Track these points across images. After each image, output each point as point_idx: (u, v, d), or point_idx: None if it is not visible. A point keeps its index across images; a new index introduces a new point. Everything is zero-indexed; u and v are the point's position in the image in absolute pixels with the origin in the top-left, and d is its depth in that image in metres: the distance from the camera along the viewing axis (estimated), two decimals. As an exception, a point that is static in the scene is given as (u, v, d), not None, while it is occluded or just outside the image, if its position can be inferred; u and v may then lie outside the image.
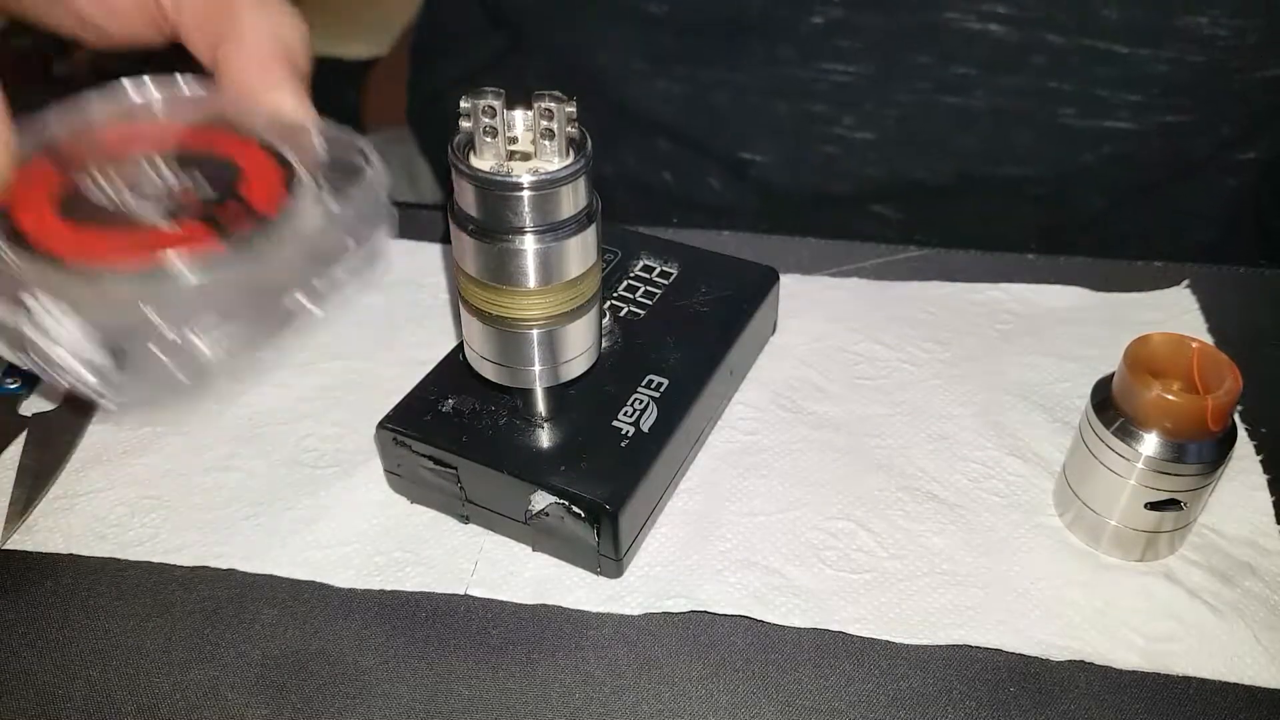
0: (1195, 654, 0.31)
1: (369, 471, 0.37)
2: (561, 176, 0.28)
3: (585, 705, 0.30)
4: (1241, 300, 0.45)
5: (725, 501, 0.36)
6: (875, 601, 0.33)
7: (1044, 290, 0.45)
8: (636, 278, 0.41)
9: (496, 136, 0.28)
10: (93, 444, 0.39)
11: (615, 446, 0.33)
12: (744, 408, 0.40)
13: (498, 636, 0.32)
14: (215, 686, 0.31)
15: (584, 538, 0.33)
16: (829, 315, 0.44)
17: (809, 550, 0.34)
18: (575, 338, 0.31)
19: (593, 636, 0.32)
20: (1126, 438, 0.32)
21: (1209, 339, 0.42)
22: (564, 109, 0.28)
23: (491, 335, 0.31)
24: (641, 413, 0.34)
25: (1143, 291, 0.45)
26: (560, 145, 0.28)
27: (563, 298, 0.30)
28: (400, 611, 0.33)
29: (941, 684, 0.31)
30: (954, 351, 0.43)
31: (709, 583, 0.33)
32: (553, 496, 0.32)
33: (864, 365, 0.42)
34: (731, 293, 0.40)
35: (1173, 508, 0.32)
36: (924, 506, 0.36)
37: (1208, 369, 0.32)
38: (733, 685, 0.31)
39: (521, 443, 0.34)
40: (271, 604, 0.33)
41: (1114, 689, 0.31)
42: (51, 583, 0.34)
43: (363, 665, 0.31)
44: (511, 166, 0.28)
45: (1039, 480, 0.37)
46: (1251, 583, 0.33)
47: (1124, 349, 0.33)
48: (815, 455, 0.38)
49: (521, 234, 0.28)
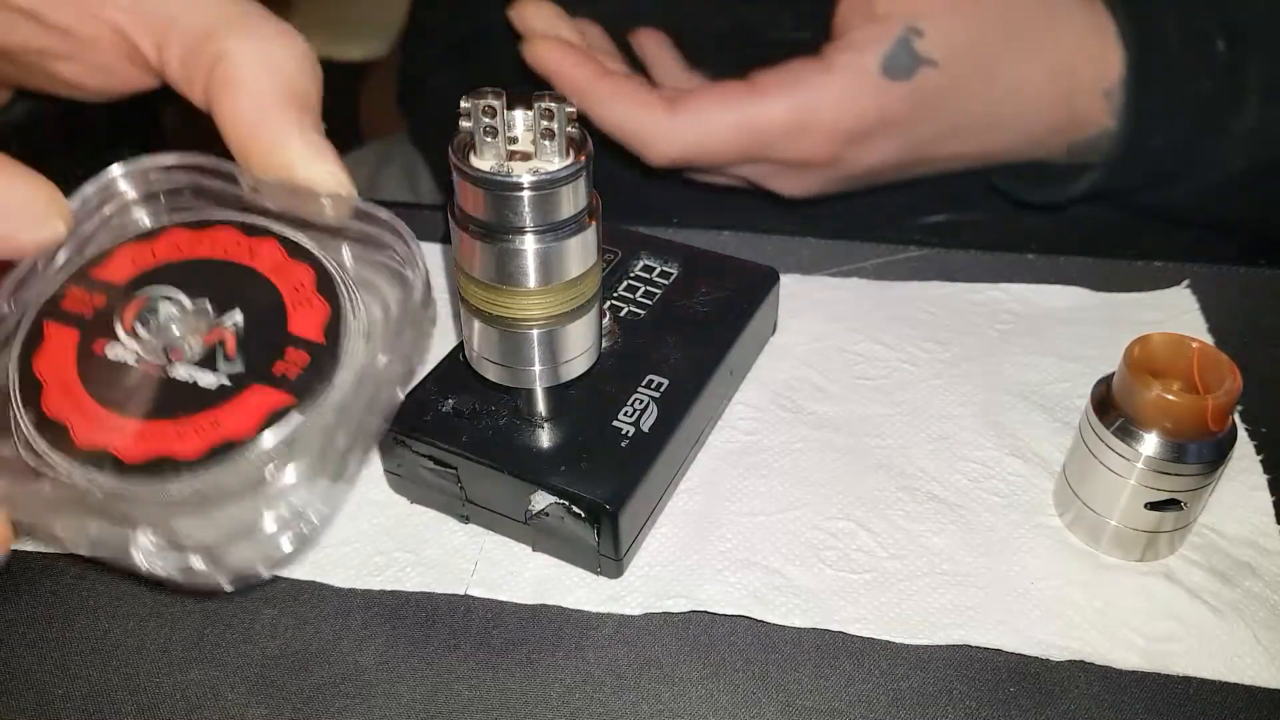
0: (1195, 654, 0.31)
1: (368, 471, 0.37)
2: (562, 176, 0.28)
3: (585, 705, 0.30)
4: (1241, 300, 0.45)
5: (725, 501, 0.36)
6: (875, 601, 0.33)
7: (1044, 290, 0.45)
8: (636, 278, 0.41)
9: (496, 136, 0.28)
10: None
11: (615, 446, 0.33)
12: (744, 408, 0.40)
13: (498, 636, 0.32)
14: (215, 686, 0.31)
15: (584, 538, 0.33)
16: (829, 315, 0.44)
17: (809, 550, 0.34)
18: (576, 338, 0.31)
19: (593, 636, 0.32)
20: (1126, 438, 0.32)
21: (1209, 339, 0.42)
22: (564, 109, 0.28)
23: (492, 335, 0.31)
24: (642, 413, 0.34)
25: (1143, 291, 0.45)
26: (560, 145, 0.28)
27: (563, 298, 0.30)
28: (400, 611, 0.33)
29: (941, 684, 0.31)
30: (954, 351, 0.43)
31: (709, 583, 0.33)
32: (553, 496, 0.32)
33: (864, 365, 0.42)
34: (732, 293, 0.40)
35: (1173, 508, 0.32)
36: (924, 506, 0.36)
37: (1208, 369, 0.32)
38: (733, 685, 0.31)
39: (522, 443, 0.34)
40: (271, 604, 0.33)
41: (1114, 689, 0.31)
42: (51, 583, 0.34)
43: (363, 665, 0.31)
44: (512, 166, 0.28)
45: (1039, 480, 0.37)
46: (1251, 583, 0.33)
47: (1124, 349, 0.33)
48: (815, 455, 0.38)
49: (522, 234, 0.28)
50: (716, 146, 0.47)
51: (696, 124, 0.46)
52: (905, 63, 0.45)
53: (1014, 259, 0.47)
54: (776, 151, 0.47)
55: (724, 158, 0.48)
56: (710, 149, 0.47)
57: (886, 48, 0.45)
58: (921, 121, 0.47)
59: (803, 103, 0.46)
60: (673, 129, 0.46)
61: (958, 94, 0.46)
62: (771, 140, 0.46)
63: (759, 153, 0.47)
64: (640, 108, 0.47)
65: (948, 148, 0.49)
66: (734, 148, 0.47)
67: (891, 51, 0.45)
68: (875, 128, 0.46)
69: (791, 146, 0.47)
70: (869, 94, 0.45)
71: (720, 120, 0.46)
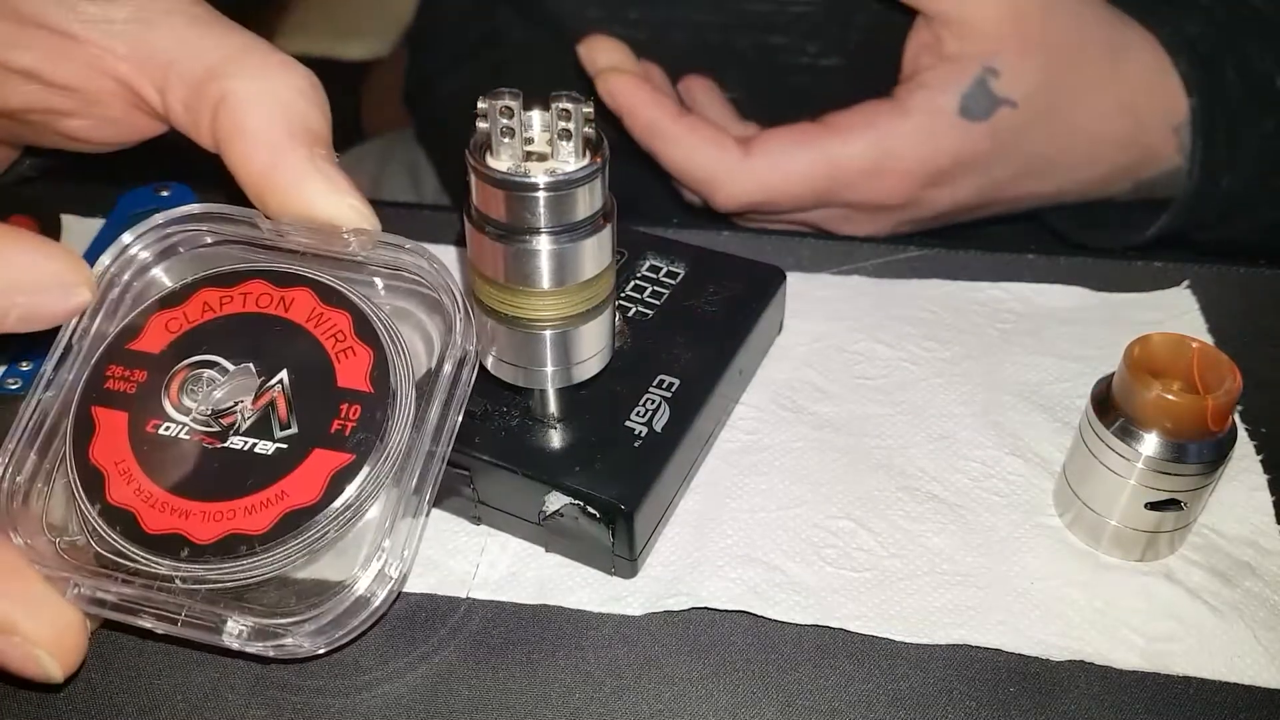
0: (1195, 654, 0.31)
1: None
2: (578, 177, 0.28)
3: (585, 705, 0.31)
4: (1241, 300, 0.45)
5: (726, 500, 0.36)
6: (875, 599, 0.33)
7: (1044, 290, 0.45)
8: (644, 278, 0.41)
9: (513, 137, 0.28)
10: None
11: (629, 447, 0.33)
12: (745, 407, 0.40)
13: (498, 636, 0.32)
14: (216, 688, 0.31)
15: (599, 538, 0.33)
16: (829, 314, 0.44)
17: (809, 548, 0.34)
18: (589, 339, 0.31)
19: (593, 636, 0.32)
20: (1126, 438, 0.32)
21: (1209, 339, 0.42)
22: (581, 109, 0.27)
23: (505, 335, 0.31)
24: (654, 413, 0.34)
25: (1143, 291, 0.45)
26: (577, 145, 0.28)
27: (577, 299, 0.30)
28: (400, 611, 0.33)
29: (941, 684, 0.31)
30: (954, 351, 0.43)
31: (710, 580, 0.33)
32: (567, 497, 0.32)
33: (864, 364, 0.42)
34: (739, 292, 0.40)
35: (1173, 508, 0.32)
36: (924, 506, 0.36)
37: (1208, 369, 0.32)
38: (733, 685, 0.31)
39: (535, 443, 0.34)
40: (272, 604, 0.33)
41: (1114, 689, 0.31)
42: (52, 583, 0.34)
43: (363, 665, 0.31)
44: (528, 167, 0.28)
45: (1039, 480, 0.37)
46: (1251, 583, 0.33)
47: (1124, 349, 0.33)
48: (815, 454, 0.38)
49: (537, 234, 0.28)
50: (791, 189, 0.46)
51: (772, 166, 0.46)
52: (984, 103, 0.45)
53: (1014, 259, 0.47)
54: (852, 194, 0.47)
55: (797, 201, 0.47)
56: (785, 191, 0.46)
57: (964, 88, 0.45)
58: (998, 161, 0.47)
59: (881, 143, 0.45)
60: (747, 171, 0.46)
61: (1034, 133, 0.46)
62: (849, 181, 0.46)
63: (833, 196, 0.47)
64: (715, 148, 0.46)
65: (1024, 187, 0.49)
66: (809, 190, 0.46)
67: (970, 92, 0.45)
68: (954, 169, 0.46)
69: (868, 188, 0.46)
70: (948, 135, 0.45)
71: (796, 161, 0.46)
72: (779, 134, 0.46)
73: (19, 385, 0.40)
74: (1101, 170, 0.49)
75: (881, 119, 0.46)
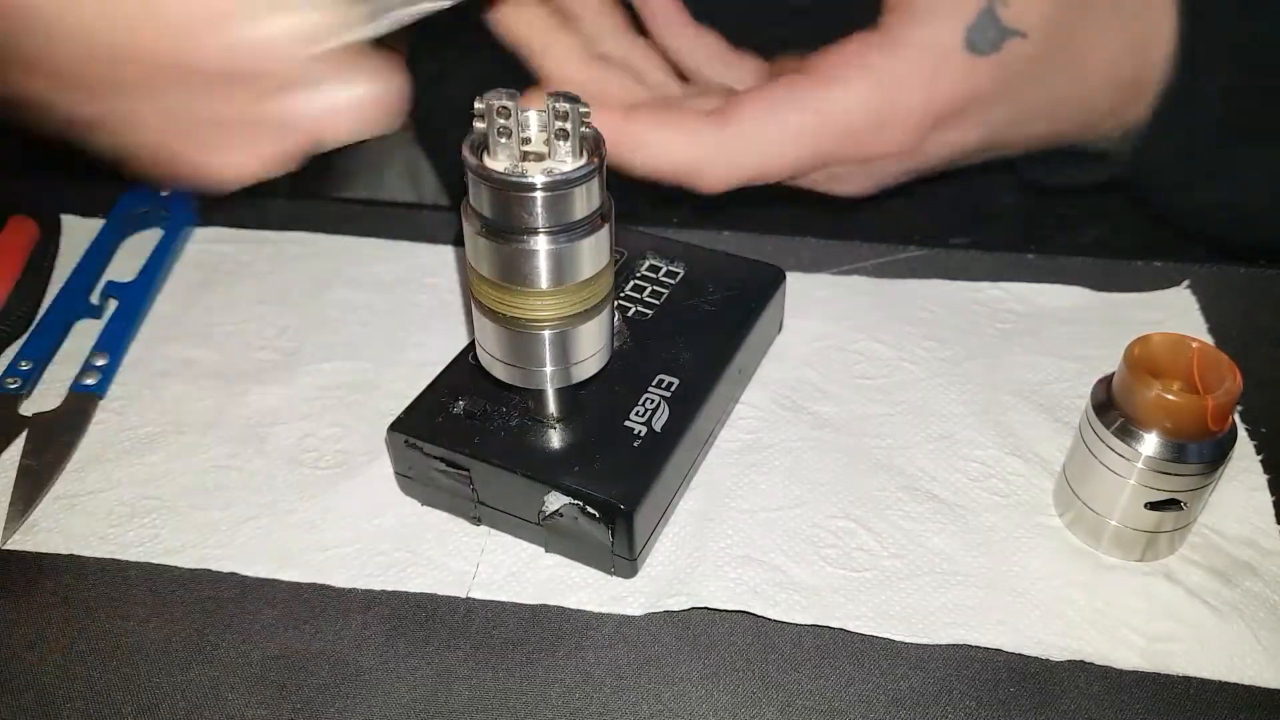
0: (1195, 654, 0.31)
1: (370, 472, 0.37)
2: (575, 177, 0.28)
3: (585, 705, 0.31)
4: (1241, 300, 0.45)
5: (726, 500, 0.36)
6: (875, 599, 0.33)
7: (1044, 290, 0.45)
8: (643, 277, 0.41)
9: (510, 137, 0.28)
10: (93, 444, 0.39)
11: (628, 446, 0.33)
12: (745, 407, 0.40)
13: (498, 636, 0.32)
14: (215, 687, 0.31)
15: (598, 538, 0.33)
16: (829, 315, 0.44)
17: (809, 548, 0.34)
18: (588, 338, 0.31)
19: (593, 636, 0.32)
20: (1126, 438, 0.32)
21: (1209, 339, 0.42)
22: (578, 109, 0.27)
23: (504, 336, 0.31)
24: (653, 412, 0.34)
25: (1143, 291, 0.45)
26: (574, 145, 0.28)
27: (575, 298, 0.30)
28: (400, 611, 0.33)
29: (941, 684, 0.31)
30: (954, 351, 0.43)
31: (710, 579, 0.33)
32: (567, 497, 0.32)
33: (864, 364, 0.42)
34: (739, 292, 0.40)
35: (1173, 508, 0.32)
36: (924, 506, 0.36)
37: (1208, 369, 0.32)
38: (733, 685, 0.31)
39: (534, 443, 0.34)
40: (271, 604, 0.33)
41: (1114, 689, 0.31)
42: (51, 583, 0.34)
43: (363, 665, 0.31)
44: (525, 167, 0.28)
45: (1039, 480, 0.37)
46: (1251, 583, 0.33)
47: (1124, 349, 0.33)
48: (815, 455, 0.38)
49: (535, 234, 0.28)
50: (783, 160, 0.40)
51: (756, 137, 0.39)
52: (991, 35, 0.39)
53: (1014, 259, 0.47)
54: (852, 150, 0.40)
55: (792, 170, 0.41)
56: (775, 164, 0.40)
57: (969, 19, 0.39)
58: (1007, 100, 0.41)
59: (880, 90, 0.39)
60: (726, 148, 0.39)
61: (1045, 68, 0.41)
62: (847, 137, 0.40)
63: (831, 157, 0.40)
64: (683, 136, 0.39)
65: (1031, 128, 0.43)
66: (804, 156, 0.40)
67: (975, 23, 0.39)
68: (961, 111, 0.40)
69: (869, 142, 0.40)
70: (954, 73, 0.39)
71: (784, 126, 0.39)
72: (756, 97, 0.39)
73: (18, 385, 0.40)
74: (1102, 109, 0.44)
75: (873, 61, 0.39)
